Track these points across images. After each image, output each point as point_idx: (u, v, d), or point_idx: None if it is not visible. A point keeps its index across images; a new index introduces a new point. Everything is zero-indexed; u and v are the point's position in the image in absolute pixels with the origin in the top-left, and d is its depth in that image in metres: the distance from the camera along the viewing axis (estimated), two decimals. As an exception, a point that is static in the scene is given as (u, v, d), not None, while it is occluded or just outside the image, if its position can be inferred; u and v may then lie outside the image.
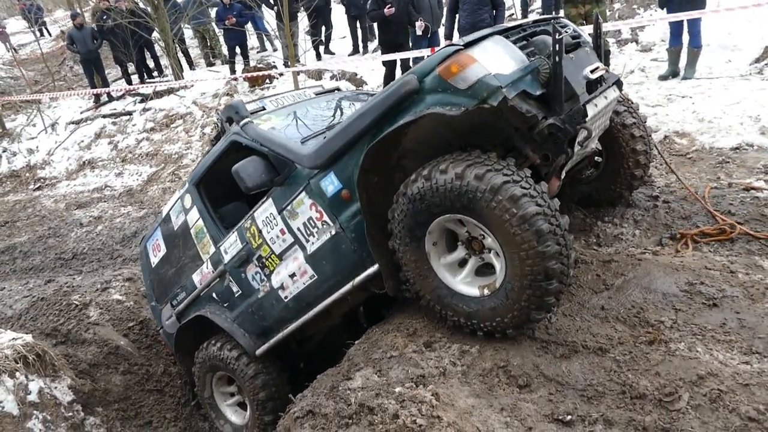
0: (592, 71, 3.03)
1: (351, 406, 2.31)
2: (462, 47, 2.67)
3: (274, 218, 3.54)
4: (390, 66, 8.58)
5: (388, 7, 7.89)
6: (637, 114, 3.82)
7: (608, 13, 7.54)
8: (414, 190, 2.76)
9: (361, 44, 12.29)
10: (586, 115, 2.80)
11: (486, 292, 2.78)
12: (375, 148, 2.88)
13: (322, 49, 12.73)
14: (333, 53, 12.84)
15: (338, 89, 4.94)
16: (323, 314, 3.67)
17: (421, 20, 7.88)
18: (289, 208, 3.43)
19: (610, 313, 3.01)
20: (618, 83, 3.39)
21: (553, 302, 2.64)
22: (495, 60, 2.67)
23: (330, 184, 3.18)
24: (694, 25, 6.84)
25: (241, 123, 3.66)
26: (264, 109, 4.25)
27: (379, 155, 2.97)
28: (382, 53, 8.58)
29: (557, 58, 2.71)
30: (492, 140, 2.97)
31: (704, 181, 4.26)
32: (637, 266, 3.32)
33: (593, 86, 3.07)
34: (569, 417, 2.39)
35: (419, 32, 7.91)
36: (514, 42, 2.90)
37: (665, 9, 7.14)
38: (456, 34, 7.67)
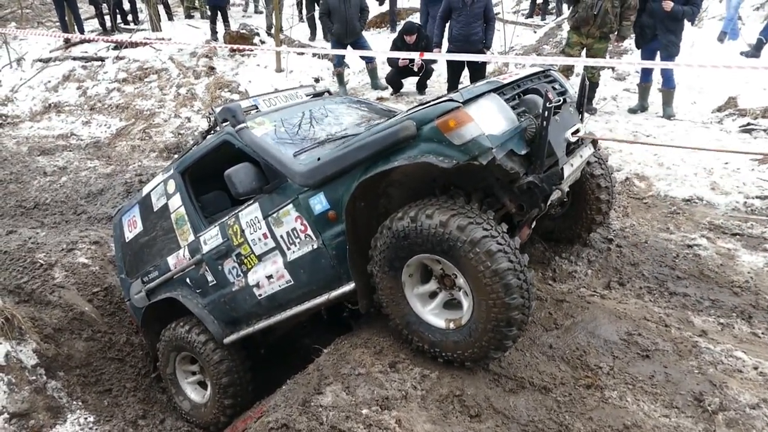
0: (573, 133, 3.32)
1: (323, 425, 2.58)
2: (461, 104, 2.89)
3: (259, 222, 3.72)
4: None
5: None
6: (606, 166, 4.14)
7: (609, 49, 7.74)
8: (399, 227, 3.00)
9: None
10: (563, 178, 3.09)
11: (452, 326, 3.07)
12: (367, 181, 3.10)
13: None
14: None
15: (328, 92, 5.08)
16: (294, 317, 3.90)
17: None
18: (275, 215, 3.62)
19: (557, 352, 3.36)
20: (593, 143, 3.68)
21: (510, 345, 2.96)
22: (489, 119, 2.91)
23: (318, 203, 3.38)
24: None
25: (237, 128, 3.80)
26: (256, 108, 4.39)
27: (368, 186, 3.20)
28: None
29: (544, 123, 2.97)
30: (475, 184, 3.23)
31: (654, 230, 4.66)
32: (586, 309, 3.67)
33: (572, 146, 3.36)
34: (511, 450, 2.73)
35: None
36: (508, 99, 3.14)
37: (640, 49, 7.50)
38: (445, 42, 7.93)
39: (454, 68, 8.05)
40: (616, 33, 7.28)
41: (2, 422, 4.07)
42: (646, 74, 7.44)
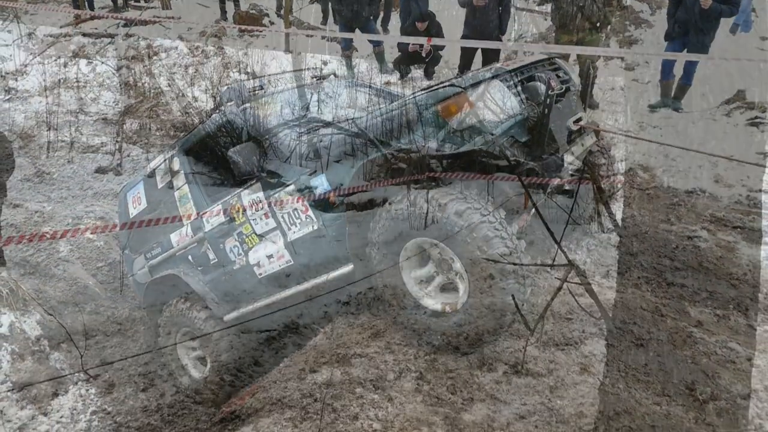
0: (575, 121, 3.32)
1: (317, 402, 2.62)
2: (463, 90, 2.90)
3: (261, 201, 3.76)
4: None
5: None
6: (608, 155, 4.15)
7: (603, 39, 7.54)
8: (398, 210, 3.02)
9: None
10: (563, 166, 3.10)
11: (448, 309, 3.10)
12: (368, 164, 3.12)
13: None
14: None
15: (335, 74, 5.08)
16: (293, 296, 3.95)
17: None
18: (276, 195, 3.65)
19: (551, 338, 3.38)
20: (596, 132, 3.68)
21: (505, 330, 2.99)
22: (490, 106, 2.92)
23: (320, 185, 3.41)
24: (693, 63, 6.91)
25: (242, 107, 3.82)
26: (262, 87, 4.40)
27: (369, 169, 3.22)
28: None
29: (546, 110, 2.98)
30: (474, 170, 3.24)
31: (655, 221, 4.65)
32: (583, 297, 3.68)
33: (574, 134, 3.36)
34: (501, 432, 2.77)
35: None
36: (510, 86, 3.15)
37: (667, 43, 7.22)
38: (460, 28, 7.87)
39: (467, 54, 7.97)
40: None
41: (5, 391, 4.15)
42: (666, 71, 7.18)
